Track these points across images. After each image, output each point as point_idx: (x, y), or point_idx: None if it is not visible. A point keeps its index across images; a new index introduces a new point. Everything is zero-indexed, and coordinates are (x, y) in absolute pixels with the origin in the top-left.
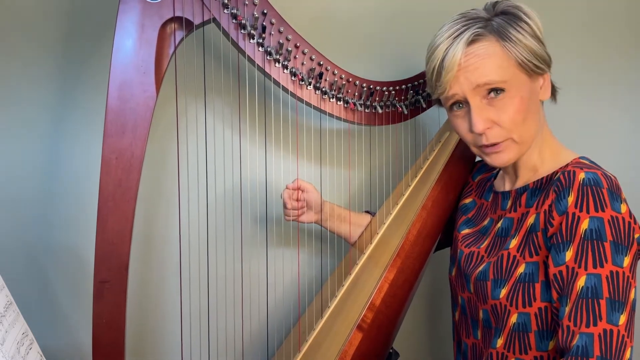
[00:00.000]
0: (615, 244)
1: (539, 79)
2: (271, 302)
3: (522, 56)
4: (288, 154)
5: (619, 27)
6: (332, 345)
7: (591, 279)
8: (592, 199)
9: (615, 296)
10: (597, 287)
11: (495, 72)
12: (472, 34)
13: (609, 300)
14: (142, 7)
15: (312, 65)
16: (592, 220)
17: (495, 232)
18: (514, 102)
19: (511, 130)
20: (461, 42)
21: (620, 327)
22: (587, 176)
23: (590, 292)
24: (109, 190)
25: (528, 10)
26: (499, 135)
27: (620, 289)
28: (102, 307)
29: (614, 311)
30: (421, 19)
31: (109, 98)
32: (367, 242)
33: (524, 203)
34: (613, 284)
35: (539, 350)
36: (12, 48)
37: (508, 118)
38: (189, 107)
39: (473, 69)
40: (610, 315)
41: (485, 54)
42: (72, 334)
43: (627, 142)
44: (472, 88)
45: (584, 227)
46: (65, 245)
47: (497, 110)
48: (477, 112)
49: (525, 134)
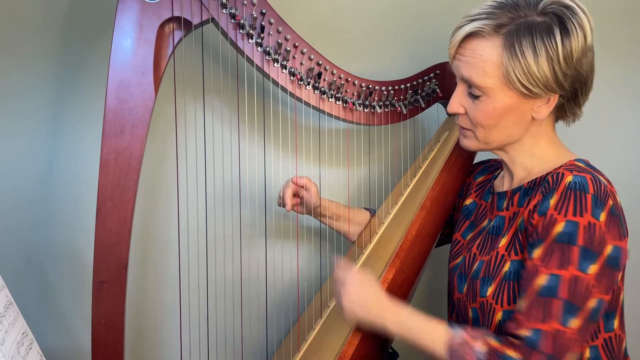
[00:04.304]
0: (585, 249)
1: (535, 99)
2: (271, 302)
3: (514, 73)
4: (287, 153)
5: (621, 27)
6: (332, 345)
7: (551, 279)
8: (573, 203)
9: (573, 300)
10: (556, 287)
11: (479, 75)
12: (476, 27)
13: (565, 303)
14: (141, 7)
15: (310, 64)
16: (567, 223)
17: (487, 230)
18: (486, 109)
19: (476, 127)
20: (464, 30)
21: (571, 330)
22: (574, 180)
23: (549, 291)
24: (108, 191)
25: (579, 23)
26: (465, 123)
27: (579, 294)
28: (102, 307)
29: (568, 314)
30: (421, 19)
31: (107, 98)
32: (366, 241)
33: (516, 202)
34: (573, 288)
35: None
36: (11, 48)
37: (474, 117)
38: (188, 107)
39: (464, 61)
40: (563, 316)
41: (480, 54)
42: (72, 334)
43: (629, 142)
44: (460, 77)
45: (558, 229)
46: (65, 245)
47: (471, 105)
48: (456, 95)
49: (489, 138)
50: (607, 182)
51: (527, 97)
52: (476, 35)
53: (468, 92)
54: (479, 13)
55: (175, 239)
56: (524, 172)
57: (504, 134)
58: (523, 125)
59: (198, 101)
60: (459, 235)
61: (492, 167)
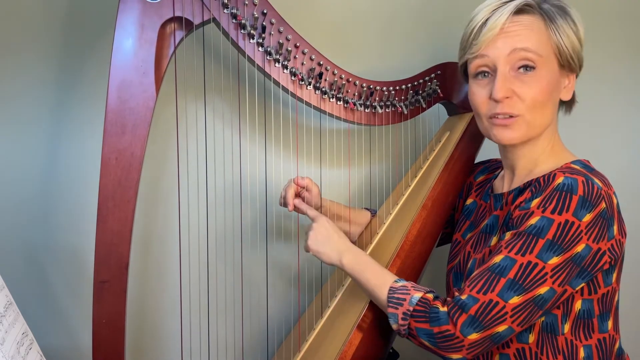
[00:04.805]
0: (552, 243)
1: (565, 77)
2: (271, 302)
3: (563, 44)
4: (288, 154)
5: (622, 26)
6: (332, 345)
7: (506, 260)
8: (555, 202)
9: (520, 280)
10: (507, 267)
11: (535, 44)
12: (522, 2)
13: (510, 280)
14: (142, 7)
15: (312, 65)
16: (542, 218)
17: (481, 229)
18: (541, 83)
19: (529, 108)
20: (510, 6)
21: (507, 304)
22: (565, 181)
23: (499, 269)
24: (109, 190)
25: (576, 13)
26: (516, 108)
27: (529, 279)
28: (102, 307)
29: (509, 290)
30: (421, 19)
31: (108, 98)
32: (367, 242)
33: (510, 202)
34: (524, 271)
35: (520, 342)
36: (12, 47)
37: (530, 95)
38: (189, 107)
39: (514, 34)
40: (503, 290)
41: (530, 25)
42: (72, 334)
43: (630, 142)
44: (507, 53)
45: (532, 222)
46: (65, 245)
47: (523, 84)
48: (502, 78)
49: (539, 119)
50: (605, 184)
51: (563, 72)
52: (524, 11)
53: (514, 74)
54: None
55: (176, 238)
56: (525, 172)
57: (548, 115)
58: (555, 108)
59: (199, 101)
60: (459, 235)
61: (492, 167)
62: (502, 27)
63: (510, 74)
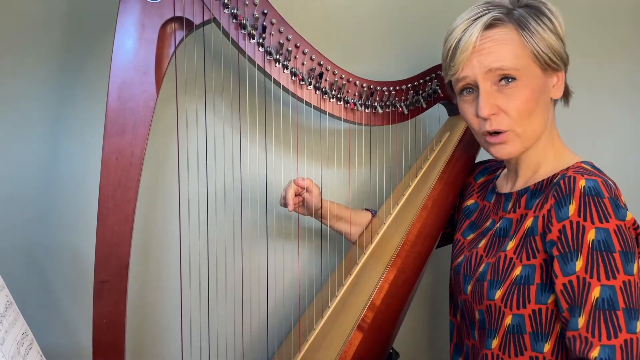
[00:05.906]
0: (624, 253)
1: (552, 76)
2: (271, 302)
3: (538, 48)
4: (288, 154)
5: (623, 26)
6: (332, 345)
7: (605, 291)
8: (596, 210)
9: (631, 304)
10: (613, 298)
11: (509, 58)
12: (491, 17)
13: (625, 311)
14: (142, 7)
15: (312, 65)
16: (598, 231)
17: (494, 232)
18: (524, 92)
19: (516, 121)
20: (479, 24)
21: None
22: (588, 184)
23: (607, 303)
24: (109, 190)
25: (552, 7)
26: (503, 124)
27: (634, 297)
28: (102, 307)
29: (632, 319)
30: (422, 20)
31: (109, 98)
32: (367, 242)
33: (524, 205)
34: (627, 293)
35: (534, 351)
36: (12, 47)
37: (515, 107)
38: (189, 106)
39: (487, 53)
40: (628, 324)
41: (502, 40)
42: (72, 334)
43: (631, 141)
44: (484, 72)
45: (591, 237)
46: (65, 245)
47: (506, 97)
48: (485, 96)
49: (529, 129)
50: (614, 183)
51: (548, 73)
52: (493, 26)
53: (497, 88)
54: (479, 12)
55: (177, 238)
56: (530, 173)
57: (539, 121)
58: (547, 110)
59: (199, 101)
60: (460, 235)
61: (492, 167)
62: (474, 46)
63: (493, 88)
